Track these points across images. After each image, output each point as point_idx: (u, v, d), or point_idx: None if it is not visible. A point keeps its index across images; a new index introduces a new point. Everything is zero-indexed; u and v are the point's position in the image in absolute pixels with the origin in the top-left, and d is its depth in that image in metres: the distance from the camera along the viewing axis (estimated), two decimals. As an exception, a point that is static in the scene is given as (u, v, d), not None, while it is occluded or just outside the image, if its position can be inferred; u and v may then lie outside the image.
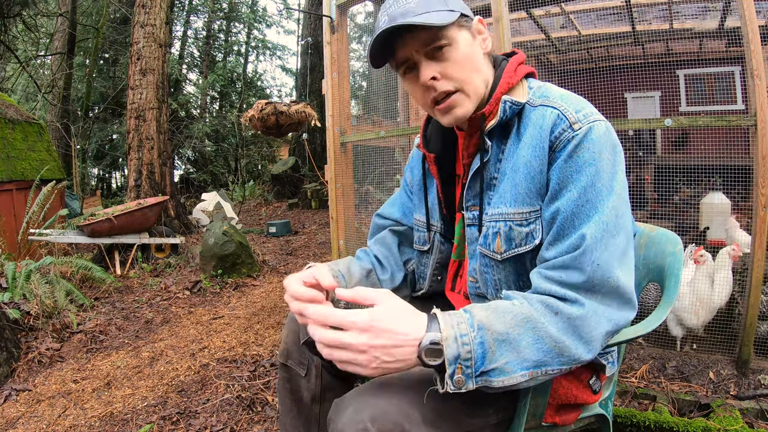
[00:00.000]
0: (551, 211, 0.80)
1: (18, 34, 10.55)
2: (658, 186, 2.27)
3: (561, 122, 0.80)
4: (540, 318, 0.72)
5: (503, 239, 0.86)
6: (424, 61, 0.85)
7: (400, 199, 1.20)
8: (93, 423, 1.99)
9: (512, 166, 0.85)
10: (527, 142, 0.83)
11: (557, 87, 0.89)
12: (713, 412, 1.63)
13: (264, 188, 11.64)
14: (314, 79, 9.06)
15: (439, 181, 1.03)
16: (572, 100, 0.84)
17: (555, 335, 0.71)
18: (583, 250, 0.74)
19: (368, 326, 0.67)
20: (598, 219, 0.75)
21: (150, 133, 6.37)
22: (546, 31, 3.65)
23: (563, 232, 0.78)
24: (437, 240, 1.06)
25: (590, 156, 0.77)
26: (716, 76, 4.55)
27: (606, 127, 0.80)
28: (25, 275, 3.24)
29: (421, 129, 1.08)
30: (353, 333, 0.68)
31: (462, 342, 0.68)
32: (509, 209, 0.85)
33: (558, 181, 0.79)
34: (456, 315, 0.71)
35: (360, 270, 1.08)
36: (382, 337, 0.67)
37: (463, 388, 0.68)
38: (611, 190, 0.77)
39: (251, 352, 2.62)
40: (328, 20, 2.77)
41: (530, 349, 0.70)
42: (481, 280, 0.92)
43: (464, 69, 0.86)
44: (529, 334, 0.71)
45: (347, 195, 2.88)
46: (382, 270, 1.12)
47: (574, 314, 0.72)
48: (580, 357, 0.72)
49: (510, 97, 0.86)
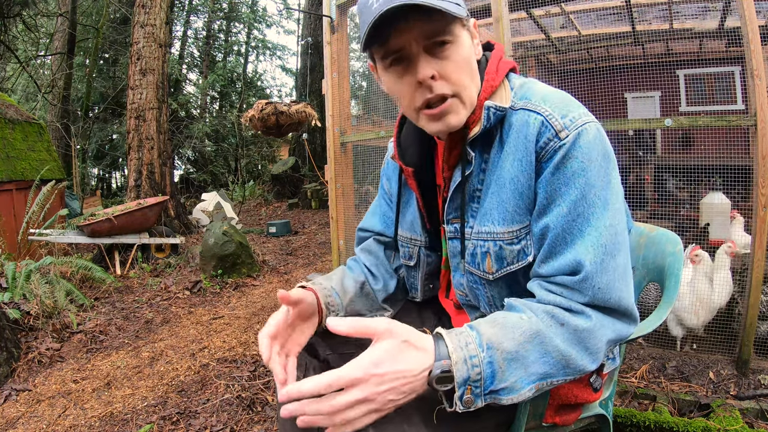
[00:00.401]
0: (540, 227, 0.76)
1: (18, 34, 10.55)
2: (658, 186, 2.28)
3: (546, 131, 0.74)
4: (547, 332, 0.69)
5: (494, 259, 0.81)
6: (423, 55, 0.75)
7: (381, 209, 1.12)
8: (93, 423, 1.99)
9: (497, 180, 0.80)
10: (511, 153, 0.78)
11: (539, 84, 0.83)
12: (713, 412, 1.63)
13: (264, 188, 11.64)
14: (314, 79, 9.05)
15: (420, 196, 0.95)
16: (556, 102, 0.76)
17: (562, 348, 0.69)
18: (583, 277, 0.71)
19: (368, 376, 0.62)
20: (596, 241, 0.72)
21: (150, 133, 6.37)
22: (546, 31, 3.65)
23: (555, 250, 0.74)
24: (422, 254, 0.99)
25: (579, 166, 0.72)
26: (716, 76, 4.55)
27: (596, 129, 0.74)
28: (25, 275, 3.24)
29: (395, 137, 0.97)
30: (360, 388, 0.62)
31: (471, 364, 0.65)
32: (498, 228, 0.80)
33: (546, 195, 0.75)
34: (463, 335, 0.68)
35: (354, 284, 1.03)
36: (387, 382, 0.62)
37: (473, 407, 0.66)
38: (606, 202, 0.73)
39: (251, 352, 2.62)
40: (328, 20, 2.77)
41: (537, 364, 0.69)
42: (471, 295, 0.89)
43: (463, 72, 0.78)
44: (537, 349, 0.69)
45: (347, 195, 2.88)
46: (375, 280, 1.07)
47: (581, 326, 0.70)
48: (585, 368, 0.71)
49: (493, 103, 0.78)
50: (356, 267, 1.09)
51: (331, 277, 1.03)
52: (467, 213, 0.85)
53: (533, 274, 0.79)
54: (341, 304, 0.98)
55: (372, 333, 0.64)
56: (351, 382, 0.61)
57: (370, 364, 0.62)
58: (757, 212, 1.77)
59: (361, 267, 1.08)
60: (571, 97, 0.80)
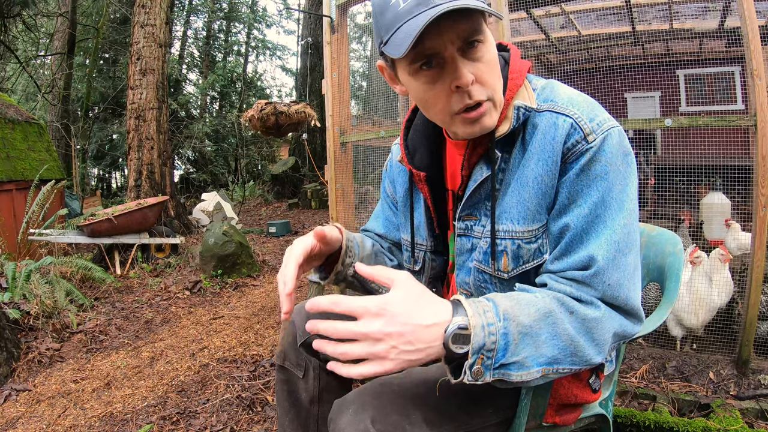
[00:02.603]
0: (559, 226, 0.77)
1: (18, 34, 10.55)
2: (658, 186, 2.27)
3: (575, 133, 0.74)
4: (559, 314, 0.70)
5: (510, 258, 0.81)
6: (460, 58, 0.71)
7: (384, 213, 1.11)
8: (93, 423, 1.99)
9: (518, 179, 0.79)
10: (536, 154, 0.77)
11: (563, 85, 0.83)
12: (713, 412, 1.63)
13: (264, 188, 11.65)
14: (314, 79, 9.06)
15: (431, 201, 0.94)
16: (583, 105, 0.77)
17: (571, 333, 0.69)
18: (595, 272, 0.72)
19: (382, 310, 0.62)
20: (609, 238, 0.73)
21: (150, 133, 6.37)
22: (546, 31, 3.65)
23: (571, 248, 0.75)
24: (428, 258, 0.99)
25: (602, 170, 0.73)
26: (716, 76, 4.55)
27: (619, 133, 0.76)
28: (25, 275, 3.24)
29: (401, 140, 0.95)
30: (366, 320, 0.62)
31: (489, 332, 0.64)
32: (517, 227, 0.80)
33: (568, 195, 0.75)
34: (480, 303, 0.67)
35: (371, 245, 1.05)
36: (397, 323, 0.62)
37: (480, 380, 0.65)
38: (622, 204, 0.74)
39: (251, 352, 2.62)
40: (328, 20, 2.77)
41: (547, 345, 0.68)
42: (477, 294, 0.88)
43: (493, 73, 0.75)
44: (548, 329, 0.69)
45: (347, 195, 2.88)
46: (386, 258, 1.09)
47: (590, 316, 0.71)
48: (591, 359, 0.71)
49: (522, 103, 0.78)
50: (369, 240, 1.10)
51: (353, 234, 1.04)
52: (481, 211, 0.85)
53: (544, 270, 0.79)
54: (357, 255, 1.00)
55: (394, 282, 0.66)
56: (362, 310, 0.62)
57: (384, 302, 0.63)
58: (757, 212, 1.77)
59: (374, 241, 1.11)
60: (593, 99, 0.80)
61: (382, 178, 1.12)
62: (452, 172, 0.93)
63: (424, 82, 0.75)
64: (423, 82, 0.75)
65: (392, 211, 1.10)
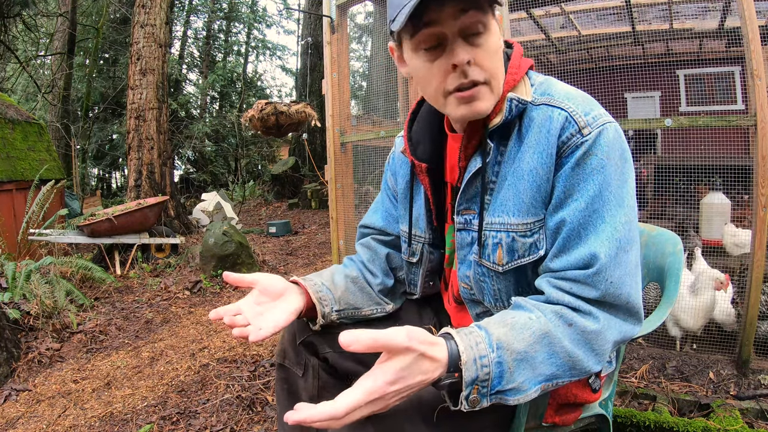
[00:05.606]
0: (556, 221, 0.77)
1: (18, 34, 10.55)
2: (658, 186, 2.27)
3: (570, 126, 0.75)
4: (556, 332, 0.70)
5: (505, 250, 0.82)
6: (460, 41, 0.75)
7: (383, 205, 1.11)
8: (93, 423, 1.99)
9: (514, 172, 0.80)
10: (531, 147, 0.78)
11: (560, 82, 0.84)
12: (713, 412, 1.63)
13: (264, 188, 11.65)
14: (314, 79, 9.06)
15: (431, 192, 0.95)
16: (579, 99, 0.78)
17: (569, 349, 0.70)
18: (597, 270, 0.72)
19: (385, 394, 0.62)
20: (611, 235, 0.73)
21: (150, 133, 6.37)
22: (546, 31, 3.65)
23: (569, 244, 0.75)
24: (426, 250, 1.00)
25: (599, 163, 0.73)
26: (716, 76, 4.55)
27: (615, 129, 0.76)
28: (25, 275, 3.24)
29: (405, 132, 0.97)
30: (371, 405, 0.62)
31: (481, 364, 0.65)
32: (512, 219, 0.80)
33: (564, 189, 0.76)
34: (473, 334, 0.68)
35: (343, 279, 1.03)
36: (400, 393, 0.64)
37: (478, 406, 0.66)
38: (621, 200, 0.74)
39: (251, 352, 2.62)
40: (328, 20, 2.77)
41: (545, 365, 0.69)
42: (477, 288, 0.88)
43: (494, 60, 0.78)
44: (545, 350, 0.69)
45: (347, 195, 2.87)
46: (372, 275, 1.06)
47: (589, 328, 0.71)
48: (591, 369, 0.72)
49: (516, 95, 0.79)
50: (351, 264, 1.09)
51: (322, 273, 1.03)
52: (478, 205, 0.85)
53: (543, 269, 0.79)
54: (333, 298, 0.98)
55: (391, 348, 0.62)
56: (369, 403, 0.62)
57: (386, 384, 0.62)
58: (757, 212, 1.77)
59: (356, 263, 1.09)
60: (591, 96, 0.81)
61: (385, 170, 1.13)
62: (452, 166, 0.94)
63: (424, 60, 0.78)
64: (424, 60, 0.78)
65: (392, 203, 1.10)
